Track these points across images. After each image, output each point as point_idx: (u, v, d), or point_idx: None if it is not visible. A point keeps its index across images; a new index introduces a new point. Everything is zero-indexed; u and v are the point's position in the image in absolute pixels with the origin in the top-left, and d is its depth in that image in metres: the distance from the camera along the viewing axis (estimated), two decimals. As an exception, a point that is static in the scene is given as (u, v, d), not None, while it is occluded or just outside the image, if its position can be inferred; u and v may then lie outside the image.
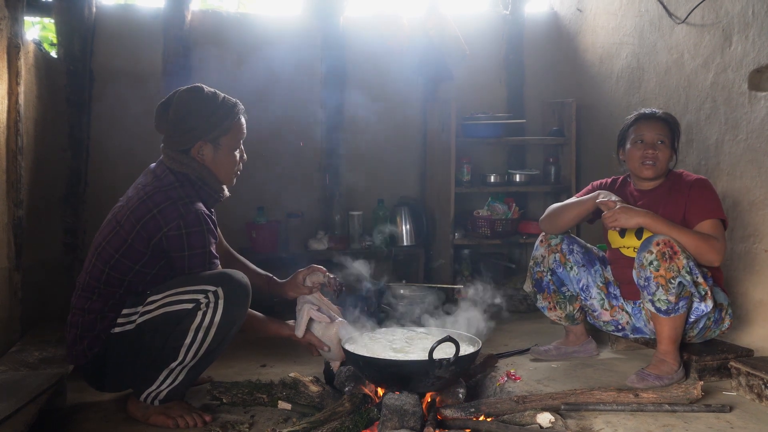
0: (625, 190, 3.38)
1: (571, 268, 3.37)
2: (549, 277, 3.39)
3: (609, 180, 3.47)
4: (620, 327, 3.38)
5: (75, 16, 4.55)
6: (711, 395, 2.85)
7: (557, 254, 3.36)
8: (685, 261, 2.92)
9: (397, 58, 4.99)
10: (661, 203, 3.21)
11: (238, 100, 2.84)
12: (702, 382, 2.76)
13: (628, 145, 3.29)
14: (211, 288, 2.60)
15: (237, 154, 2.84)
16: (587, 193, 3.43)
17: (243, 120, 2.84)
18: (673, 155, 3.26)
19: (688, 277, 2.92)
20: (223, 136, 2.76)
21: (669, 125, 3.26)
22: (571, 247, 3.37)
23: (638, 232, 3.19)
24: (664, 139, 3.22)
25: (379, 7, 5.37)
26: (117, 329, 2.67)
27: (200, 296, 2.60)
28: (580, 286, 3.38)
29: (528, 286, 3.50)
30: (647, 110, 3.33)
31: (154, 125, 2.80)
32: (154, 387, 2.67)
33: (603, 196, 3.18)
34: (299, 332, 2.90)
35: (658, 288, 2.93)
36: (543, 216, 3.40)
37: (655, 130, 3.23)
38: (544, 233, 3.43)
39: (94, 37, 4.65)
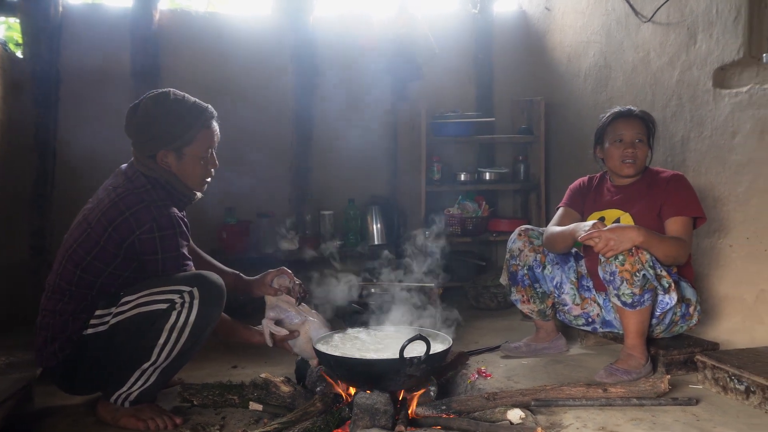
0: (602, 187, 3.45)
1: (545, 266, 3.41)
2: (525, 271, 3.42)
3: (585, 179, 3.54)
4: (590, 320, 3.42)
5: (41, 15, 4.49)
6: (678, 389, 2.89)
7: (539, 254, 3.40)
8: (648, 255, 2.97)
9: (367, 57, 4.99)
10: (638, 198, 3.27)
11: (208, 106, 2.79)
12: (669, 376, 2.81)
13: (606, 144, 3.34)
14: (186, 288, 2.59)
15: (203, 163, 2.79)
16: (569, 198, 3.52)
17: (214, 126, 2.80)
18: (649, 152, 3.32)
19: (651, 271, 2.97)
20: (186, 147, 2.72)
21: (645, 123, 3.33)
22: None
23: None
24: (642, 137, 3.29)
25: (349, 6, 5.37)
26: (89, 330, 2.65)
27: (175, 296, 2.58)
28: (554, 283, 3.41)
29: (504, 279, 3.53)
30: (623, 108, 3.37)
31: (124, 128, 2.77)
32: (125, 388, 2.65)
33: (581, 234, 3.04)
34: (269, 343, 2.90)
35: (622, 282, 2.97)
36: (543, 238, 3.39)
37: (633, 128, 3.28)
38: (523, 227, 3.47)
39: (60, 36, 4.59)
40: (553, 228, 3.36)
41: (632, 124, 3.30)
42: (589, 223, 3.08)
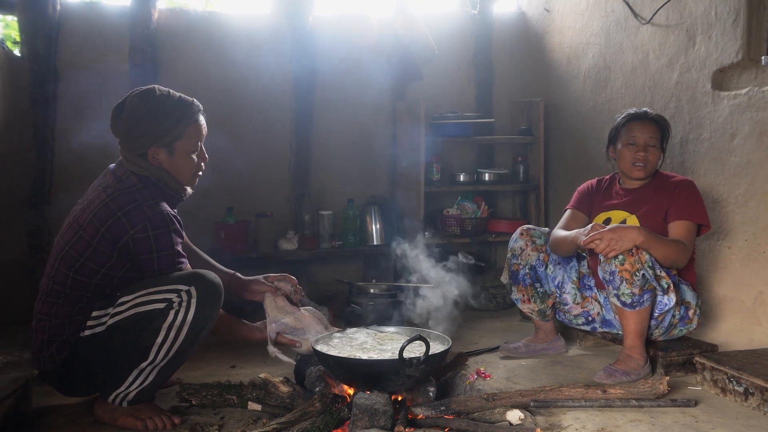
0: (611, 189, 3.45)
1: (547, 266, 3.41)
2: (526, 270, 3.42)
3: (593, 182, 3.54)
4: (590, 319, 3.42)
5: (39, 13, 4.47)
6: (677, 390, 2.89)
7: (542, 254, 3.41)
8: (647, 255, 2.97)
9: (366, 57, 4.99)
10: (645, 201, 3.27)
11: (194, 100, 2.78)
12: (668, 378, 2.81)
13: (619, 145, 3.34)
14: (184, 287, 2.58)
15: (194, 156, 2.78)
16: (576, 201, 3.52)
17: (201, 120, 2.78)
18: (661, 155, 3.31)
19: (650, 271, 2.97)
20: (176, 142, 2.71)
21: (659, 126, 3.31)
22: None
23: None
24: (655, 141, 3.27)
25: (348, 6, 5.36)
26: (87, 332, 2.64)
27: (173, 295, 2.58)
28: (556, 283, 3.42)
29: (505, 278, 3.53)
30: (639, 110, 3.35)
31: (110, 128, 2.75)
32: (123, 388, 2.64)
33: (583, 238, 3.06)
34: (272, 355, 2.88)
35: (622, 282, 2.98)
36: (550, 241, 3.40)
37: (647, 132, 3.27)
38: (525, 227, 3.48)
39: (58, 35, 4.57)
40: (558, 232, 3.36)
41: (646, 127, 3.29)
42: (589, 227, 3.09)
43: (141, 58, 4.69)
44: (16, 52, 4.52)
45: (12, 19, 4.94)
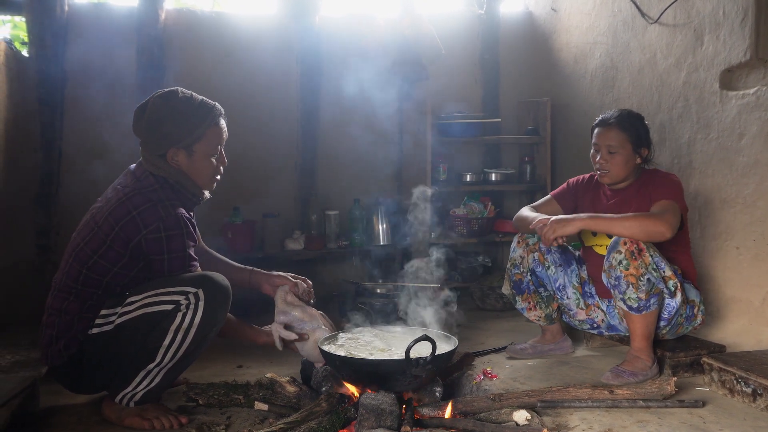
0: (599, 190, 3.42)
1: (548, 267, 3.39)
2: (529, 277, 3.40)
3: (586, 176, 3.52)
4: (595, 325, 3.42)
5: (47, 14, 4.49)
6: (684, 391, 2.89)
7: (536, 254, 3.39)
8: (650, 258, 2.95)
9: (373, 57, 4.98)
10: (633, 200, 3.24)
11: (216, 104, 2.79)
12: (675, 378, 2.80)
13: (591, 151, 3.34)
14: (192, 290, 2.59)
15: (214, 160, 2.80)
16: (561, 192, 3.52)
17: (222, 124, 2.80)
18: (635, 157, 3.23)
19: (655, 274, 2.95)
20: (196, 144, 2.73)
21: (623, 129, 3.21)
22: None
23: None
24: (615, 147, 3.19)
25: (355, 6, 5.36)
26: (95, 330, 2.65)
27: (180, 297, 2.58)
28: (557, 285, 3.40)
29: (506, 289, 3.50)
30: (604, 115, 3.31)
31: (132, 128, 2.78)
32: (130, 388, 2.64)
33: (535, 223, 3.18)
34: (279, 347, 2.90)
35: (628, 286, 2.96)
36: (515, 216, 3.47)
37: (604, 139, 3.23)
38: (520, 234, 3.45)
39: (66, 35, 4.59)
40: (527, 211, 3.41)
41: (605, 133, 3.23)
42: (539, 215, 3.21)
43: (148, 59, 4.71)
44: (24, 52, 4.54)
45: (20, 20, 4.97)
